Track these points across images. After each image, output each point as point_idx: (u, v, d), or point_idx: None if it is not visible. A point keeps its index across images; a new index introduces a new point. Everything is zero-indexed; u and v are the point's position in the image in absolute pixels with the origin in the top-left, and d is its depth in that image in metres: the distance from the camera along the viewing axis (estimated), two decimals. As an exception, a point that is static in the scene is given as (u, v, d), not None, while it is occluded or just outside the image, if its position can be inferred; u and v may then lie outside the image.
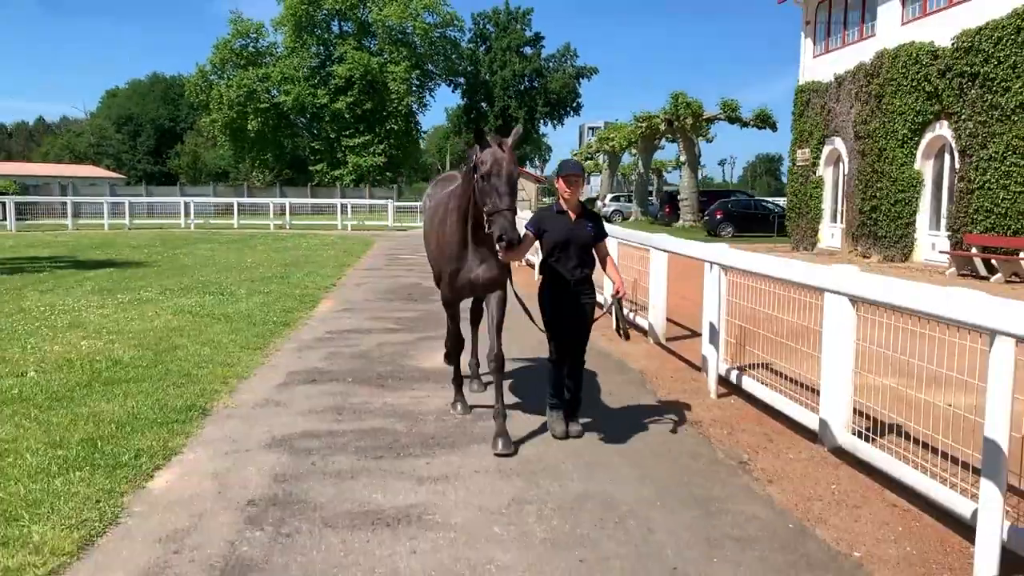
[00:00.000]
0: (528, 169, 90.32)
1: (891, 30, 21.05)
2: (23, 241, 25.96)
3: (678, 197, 39.80)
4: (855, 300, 4.78)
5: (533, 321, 5.53)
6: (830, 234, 24.61)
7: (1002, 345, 3.36)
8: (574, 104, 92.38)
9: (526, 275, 13.17)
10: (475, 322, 6.79)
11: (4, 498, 4.09)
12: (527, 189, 73.30)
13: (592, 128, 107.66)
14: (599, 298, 7.07)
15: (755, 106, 40.14)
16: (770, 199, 42.06)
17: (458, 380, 6.08)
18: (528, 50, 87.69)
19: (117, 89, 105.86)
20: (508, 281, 5.51)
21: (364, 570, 3.46)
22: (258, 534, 3.83)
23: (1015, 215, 16.24)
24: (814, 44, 25.72)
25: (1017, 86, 16.06)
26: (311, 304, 11.50)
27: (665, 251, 8.81)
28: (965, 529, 3.80)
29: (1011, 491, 3.80)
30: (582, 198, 5.48)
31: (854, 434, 4.94)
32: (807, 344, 5.76)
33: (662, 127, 38.75)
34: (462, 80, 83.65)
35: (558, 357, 5.39)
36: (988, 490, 3.42)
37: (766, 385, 6.18)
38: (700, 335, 7.46)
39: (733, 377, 6.69)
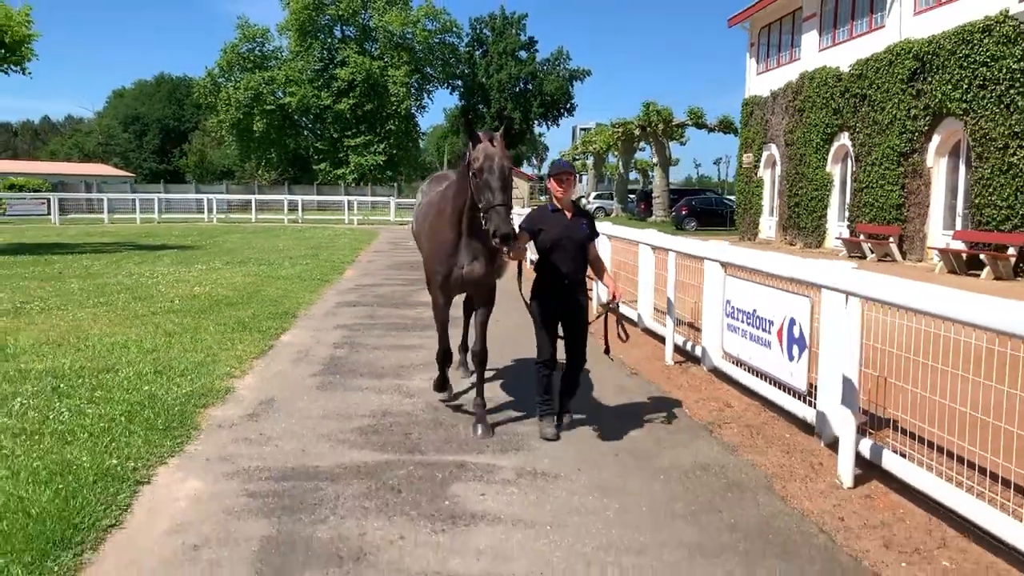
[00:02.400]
0: (525, 168, 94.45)
1: (811, 56, 25.29)
2: (78, 232, 30.09)
3: (652, 195, 44.02)
4: (725, 265, 7.02)
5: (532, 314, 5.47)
6: (768, 226, 28.82)
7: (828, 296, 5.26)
8: (568, 105, 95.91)
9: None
10: (468, 313, 6.83)
11: (209, 346, 8.21)
12: (520, 187, 77.45)
13: (584, 129, 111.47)
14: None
15: (721, 113, 44.32)
16: (731, 197, 46.26)
17: (444, 386, 6.31)
18: (523, 54, 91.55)
19: (124, 89, 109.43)
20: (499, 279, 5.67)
21: (392, 361, 7.71)
22: (340, 352, 8.10)
23: (888, 208, 20.49)
24: (757, 63, 29.96)
25: (889, 106, 20.30)
26: (340, 271, 15.84)
27: (652, 246, 9.39)
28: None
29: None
30: (572, 197, 5.51)
31: (724, 358, 7.10)
32: (690, 294, 8.35)
33: (637, 132, 42.98)
34: (460, 83, 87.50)
35: (547, 358, 5.36)
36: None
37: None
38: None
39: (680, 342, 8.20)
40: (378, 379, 7.10)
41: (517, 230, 5.05)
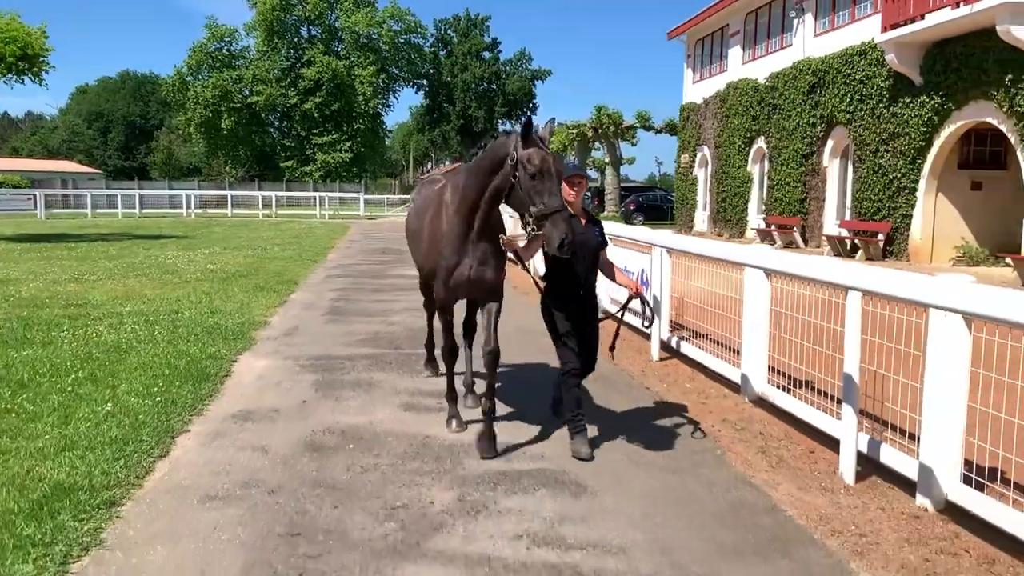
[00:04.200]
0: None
1: (736, 68, 28.64)
2: (71, 225, 32.44)
3: (604, 192, 47.27)
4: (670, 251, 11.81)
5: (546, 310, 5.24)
6: (701, 220, 32.18)
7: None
8: (530, 104, 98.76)
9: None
10: (468, 334, 6.40)
11: (241, 300, 11.10)
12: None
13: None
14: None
15: (667, 116, 47.72)
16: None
17: (452, 393, 5.53)
18: (487, 55, 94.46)
19: (87, 86, 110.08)
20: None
21: (377, 308, 10.70)
22: (337, 303, 11.09)
23: (793, 202, 23.89)
24: (693, 73, 33.31)
25: (794, 114, 23.68)
26: (323, 255, 18.80)
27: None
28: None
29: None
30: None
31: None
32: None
33: (590, 133, 46.18)
34: (425, 82, 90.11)
35: (574, 367, 5.09)
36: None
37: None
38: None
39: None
40: (369, 317, 10.11)
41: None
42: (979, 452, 4.14)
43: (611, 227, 10.07)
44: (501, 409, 5.80)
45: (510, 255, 5.38)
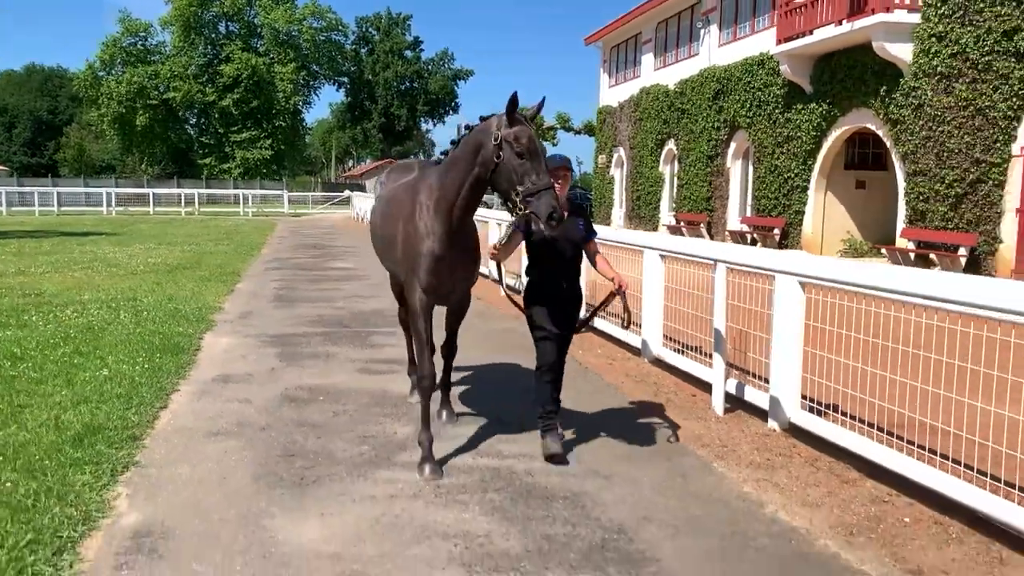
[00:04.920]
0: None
1: (648, 74, 30.37)
2: (-15, 222, 31.94)
3: (527, 190, 48.75)
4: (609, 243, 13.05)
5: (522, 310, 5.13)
6: (618, 217, 33.87)
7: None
8: (453, 104, 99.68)
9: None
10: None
11: (191, 288, 11.90)
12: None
13: (468, 127, 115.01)
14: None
15: (586, 118, 49.42)
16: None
17: (428, 431, 4.78)
18: (409, 53, 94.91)
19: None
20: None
21: (320, 295, 11.67)
22: (282, 292, 12.00)
23: (700, 200, 25.71)
24: (609, 77, 34.98)
25: (700, 118, 25.48)
26: (257, 250, 19.51)
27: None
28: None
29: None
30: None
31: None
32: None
33: (512, 133, 47.63)
34: (346, 80, 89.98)
35: (551, 365, 4.96)
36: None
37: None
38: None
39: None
40: (313, 303, 11.08)
41: (509, 231, 4.90)
42: (814, 386, 5.49)
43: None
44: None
45: (492, 272, 5.50)
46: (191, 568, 3.46)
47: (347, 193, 47.82)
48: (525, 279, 5.16)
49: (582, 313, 5.56)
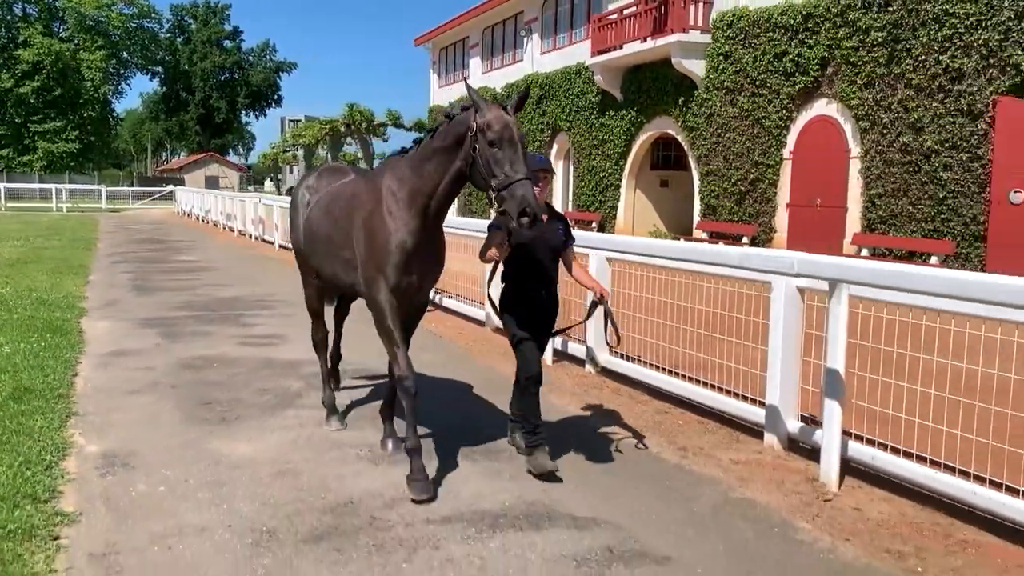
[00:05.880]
0: (232, 158, 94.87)
1: (477, 76, 32.08)
2: None
3: (358, 186, 49.31)
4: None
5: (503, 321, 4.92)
6: (451, 211, 35.36)
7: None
8: (275, 97, 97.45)
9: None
10: (339, 323, 6.08)
11: (47, 280, 12.15)
12: (230, 177, 78.56)
13: (293, 120, 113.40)
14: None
15: (417, 115, 50.64)
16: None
17: (415, 432, 4.43)
18: (228, 43, 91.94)
19: None
20: None
21: (176, 285, 12.31)
22: (137, 282, 12.53)
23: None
24: (439, 78, 36.46)
25: (526, 121, 27.48)
26: (92, 244, 19.41)
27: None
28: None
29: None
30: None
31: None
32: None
33: (343, 129, 48.03)
34: (160, 69, 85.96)
35: (535, 373, 4.74)
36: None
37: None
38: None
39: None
40: (174, 292, 11.75)
41: (488, 232, 4.74)
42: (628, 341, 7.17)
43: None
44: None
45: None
46: (161, 473, 4.55)
47: (170, 188, 46.33)
48: (500, 284, 4.95)
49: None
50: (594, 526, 3.97)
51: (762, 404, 5.37)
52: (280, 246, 19.19)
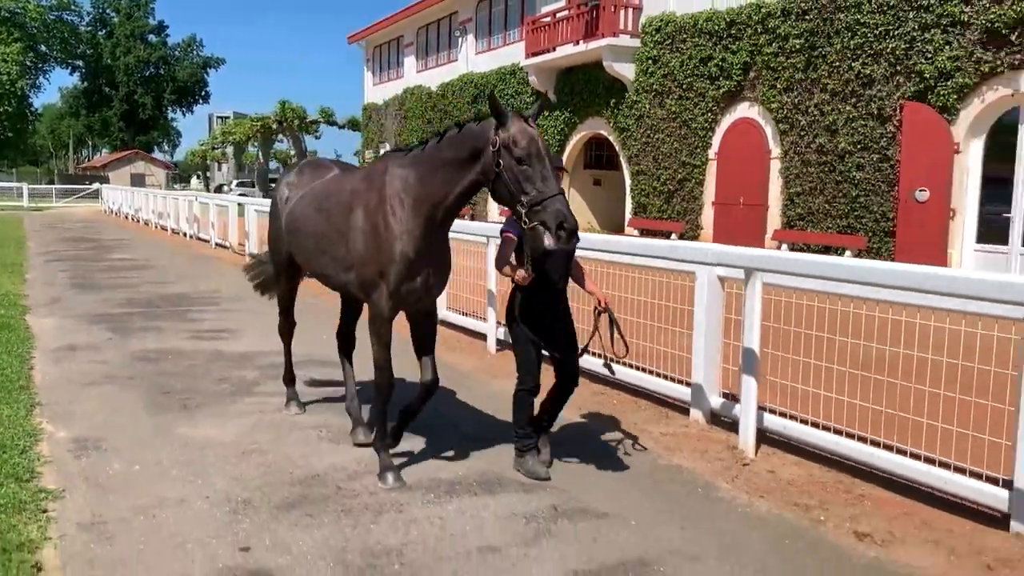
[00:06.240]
0: (157, 155, 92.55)
1: (411, 75, 32.36)
2: None
3: (291, 184, 48.91)
4: None
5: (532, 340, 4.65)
6: (385, 210, 35.59)
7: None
8: (203, 93, 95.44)
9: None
10: (349, 348, 5.61)
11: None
12: (157, 175, 76.70)
13: (222, 117, 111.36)
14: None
15: (351, 113, 50.44)
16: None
17: (384, 438, 4.58)
18: (152, 38, 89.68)
19: None
20: None
21: (115, 283, 12.34)
22: (75, 280, 12.50)
23: None
24: (373, 76, 36.53)
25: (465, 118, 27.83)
26: (21, 244, 19.05)
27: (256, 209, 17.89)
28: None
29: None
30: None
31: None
32: None
33: (274, 126, 47.55)
34: (81, 63, 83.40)
35: (534, 385, 4.67)
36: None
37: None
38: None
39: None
40: (115, 289, 11.79)
41: (503, 235, 4.57)
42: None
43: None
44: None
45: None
46: (133, 454, 4.83)
47: (96, 185, 45.19)
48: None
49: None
50: (540, 489, 4.44)
51: (688, 384, 5.92)
52: (216, 244, 19.20)
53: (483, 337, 8.39)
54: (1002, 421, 4.20)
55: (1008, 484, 4.08)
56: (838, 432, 4.93)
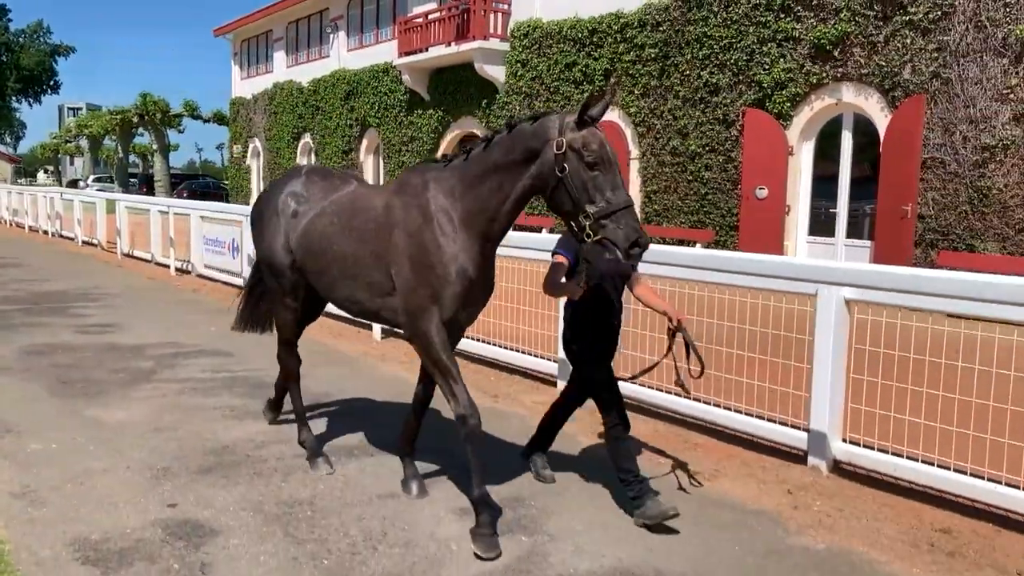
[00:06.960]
0: (1, 148, 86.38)
1: (281, 70, 32.12)
2: None
3: (154, 179, 47.18)
4: (203, 217, 14.38)
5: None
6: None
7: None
8: (51, 82, 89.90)
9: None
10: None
11: None
12: (2, 169, 71.73)
13: (73, 109, 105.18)
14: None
15: (217, 107, 49.13)
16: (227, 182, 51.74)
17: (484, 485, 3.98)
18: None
19: None
20: None
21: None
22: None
23: None
24: (241, 70, 35.92)
25: (334, 115, 28.00)
26: None
27: (160, 210, 17.47)
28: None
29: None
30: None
31: (205, 267, 14.59)
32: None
33: (135, 120, 45.76)
34: (-92, 48, 76.87)
35: (623, 416, 4.31)
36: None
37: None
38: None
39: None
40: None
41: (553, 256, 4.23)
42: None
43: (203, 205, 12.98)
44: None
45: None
46: (49, 435, 5.19)
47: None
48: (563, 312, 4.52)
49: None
50: (428, 453, 5.15)
51: (555, 361, 6.77)
52: (83, 242, 18.75)
53: (368, 327, 9.00)
54: (802, 378, 5.25)
55: (807, 429, 5.15)
56: (676, 394, 5.88)
